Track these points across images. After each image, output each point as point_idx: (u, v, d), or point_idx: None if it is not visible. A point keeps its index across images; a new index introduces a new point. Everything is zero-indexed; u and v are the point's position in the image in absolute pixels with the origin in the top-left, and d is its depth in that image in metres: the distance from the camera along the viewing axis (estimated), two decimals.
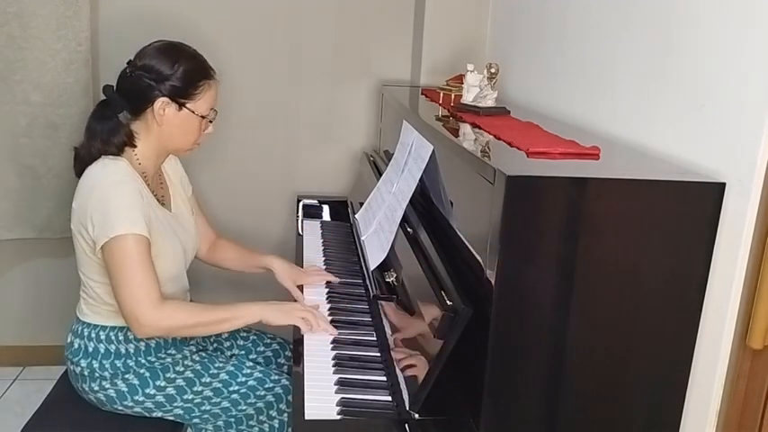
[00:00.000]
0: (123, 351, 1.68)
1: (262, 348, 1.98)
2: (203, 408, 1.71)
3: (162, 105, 1.64)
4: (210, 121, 1.74)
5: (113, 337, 1.68)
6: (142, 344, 1.69)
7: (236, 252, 2.04)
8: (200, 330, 1.69)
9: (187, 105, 1.66)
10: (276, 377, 1.76)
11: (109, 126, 1.65)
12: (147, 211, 1.61)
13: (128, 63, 1.68)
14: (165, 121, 1.66)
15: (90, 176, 1.62)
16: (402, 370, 1.40)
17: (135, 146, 1.67)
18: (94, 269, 1.65)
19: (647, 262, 1.19)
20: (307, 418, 1.31)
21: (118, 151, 1.65)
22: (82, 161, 1.66)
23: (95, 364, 1.67)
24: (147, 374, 1.68)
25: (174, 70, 1.63)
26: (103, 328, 1.69)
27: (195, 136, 1.72)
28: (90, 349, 1.68)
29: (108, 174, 1.60)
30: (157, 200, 1.71)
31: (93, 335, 1.69)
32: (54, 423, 1.70)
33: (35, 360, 2.75)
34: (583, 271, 1.18)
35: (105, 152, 1.64)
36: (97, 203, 1.56)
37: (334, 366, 1.51)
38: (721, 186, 1.19)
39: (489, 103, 1.75)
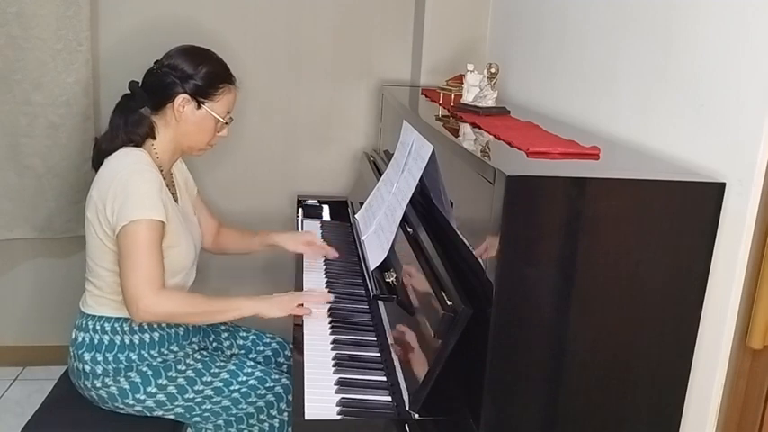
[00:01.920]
0: (128, 342, 1.69)
1: (261, 348, 1.98)
2: (204, 407, 1.71)
3: (182, 102, 1.71)
4: (227, 124, 1.80)
5: (118, 328, 1.69)
6: (147, 336, 1.70)
7: (238, 236, 2.12)
8: (195, 319, 1.72)
9: (205, 105, 1.73)
10: (276, 376, 1.77)
11: (134, 118, 1.72)
12: (165, 200, 1.66)
13: (155, 62, 1.75)
14: (183, 118, 1.72)
15: (111, 165, 1.67)
16: (402, 370, 1.40)
17: (155, 138, 1.73)
18: (107, 257, 1.67)
19: (647, 262, 1.19)
20: (307, 418, 1.31)
21: (141, 141, 1.72)
22: (103, 152, 1.71)
23: (99, 358, 1.67)
24: (150, 372, 1.69)
25: (198, 70, 1.71)
26: (108, 319, 1.70)
27: (209, 136, 1.78)
28: (95, 341, 1.69)
29: (130, 162, 1.66)
30: (171, 194, 1.75)
31: (99, 327, 1.69)
32: (54, 423, 1.70)
33: (35, 360, 2.74)
34: (583, 271, 1.18)
35: (128, 142, 1.70)
36: (118, 190, 1.60)
37: (334, 366, 1.51)
38: (721, 186, 1.19)
39: (489, 103, 1.75)
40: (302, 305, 1.70)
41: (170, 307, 1.62)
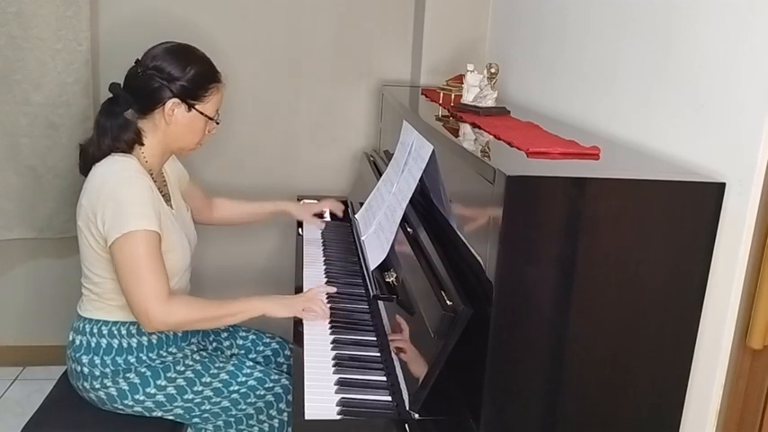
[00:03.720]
0: (126, 346, 1.68)
1: (261, 348, 1.98)
2: (203, 407, 1.71)
3: (172, 106, 1.67)
4: (217, 123, 1.78)
5: (116, 332, 1.68)
6: (144, 338, 1.69)
7: (240, 206, 2.17)
8: (206, 324, 1.71)
9: (196, 107, 1.70)
10: (276, 377, 1.77)
11: (118, 123, 1.67)
12: (158, 207, 1.63)
13: (136, 62, 1.70)
14: (173, 121, 1.68)
15: (100, 173, 1.63)
16: (402, 370, 1.40)
17: (143, 144, 1.70)
18: (101, 265, 1.66)
19: (646, 262, 1.19)
20: (307, 418, 1.31)
21: (128, 148, 1.67)
22: (90, 158, 1.68)
23: (97, 361, 1.67)
24: (149, 373, 1.68)
25: (186, 72, 1.66)
26: (105, 323, 1.69)
27: (200, 136, 1.75)
28: (92, 345, 1.68)
29: (119, 170, 1.62)
30: (162, 197, 1.72)
31: (96, 330, 1.69)
32: (54, 423, 1.70)
33: (35, 360, 2.75)
34: (583, 271, 1.18)
35: (115, 149, 1.66)
36: (109, 199, 1.58)
37: (334, 366, 1.51)
38: (721, 186, 1.19)
39: (489, 103, 1.75)
40: (305, 311, 1.69)
41: (181, 315, 1.60)
